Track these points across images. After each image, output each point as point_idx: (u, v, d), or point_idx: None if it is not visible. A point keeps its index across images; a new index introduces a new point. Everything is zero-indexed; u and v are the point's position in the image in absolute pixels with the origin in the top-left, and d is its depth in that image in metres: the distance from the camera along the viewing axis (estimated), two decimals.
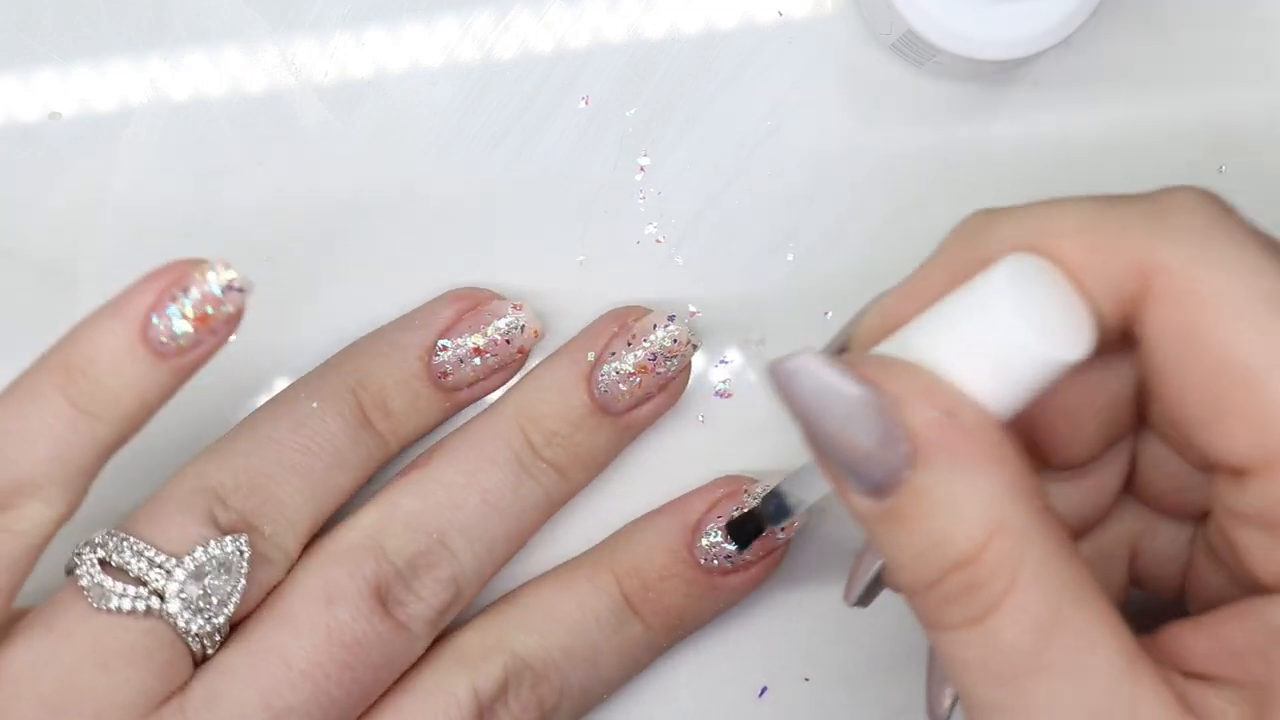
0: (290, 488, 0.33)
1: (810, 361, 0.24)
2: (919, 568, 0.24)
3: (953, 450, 0.24)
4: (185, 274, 0.29)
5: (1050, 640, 0.24)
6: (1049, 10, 0.33)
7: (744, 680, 0.38)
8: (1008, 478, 0.24)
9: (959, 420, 0.24)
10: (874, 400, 0.24)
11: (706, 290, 0.37)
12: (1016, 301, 0.24)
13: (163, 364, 0.29)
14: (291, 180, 0.37)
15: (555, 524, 0.37)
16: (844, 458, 0.24)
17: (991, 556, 0.24)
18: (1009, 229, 0.26)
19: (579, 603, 0.35)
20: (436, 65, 0.37)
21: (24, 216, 0.37)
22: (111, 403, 0.29)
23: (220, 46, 0.37)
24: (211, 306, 0.29)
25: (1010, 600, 0.24)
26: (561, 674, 0.34)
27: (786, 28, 0.37)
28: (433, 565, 0.34)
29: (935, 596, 0.24)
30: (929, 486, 0.24)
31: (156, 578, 0.31)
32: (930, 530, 0.24)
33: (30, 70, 0.37)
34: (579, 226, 0.37)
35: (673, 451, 0.37)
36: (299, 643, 0.32)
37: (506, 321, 0.35)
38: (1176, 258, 0.24)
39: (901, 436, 0.24)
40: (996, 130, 0.37)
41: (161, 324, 0.29)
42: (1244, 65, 0.37)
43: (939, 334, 0.25)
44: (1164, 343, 0.24)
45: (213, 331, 0.29)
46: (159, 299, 0.29)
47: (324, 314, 0.37)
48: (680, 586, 0.35)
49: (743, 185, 0.37)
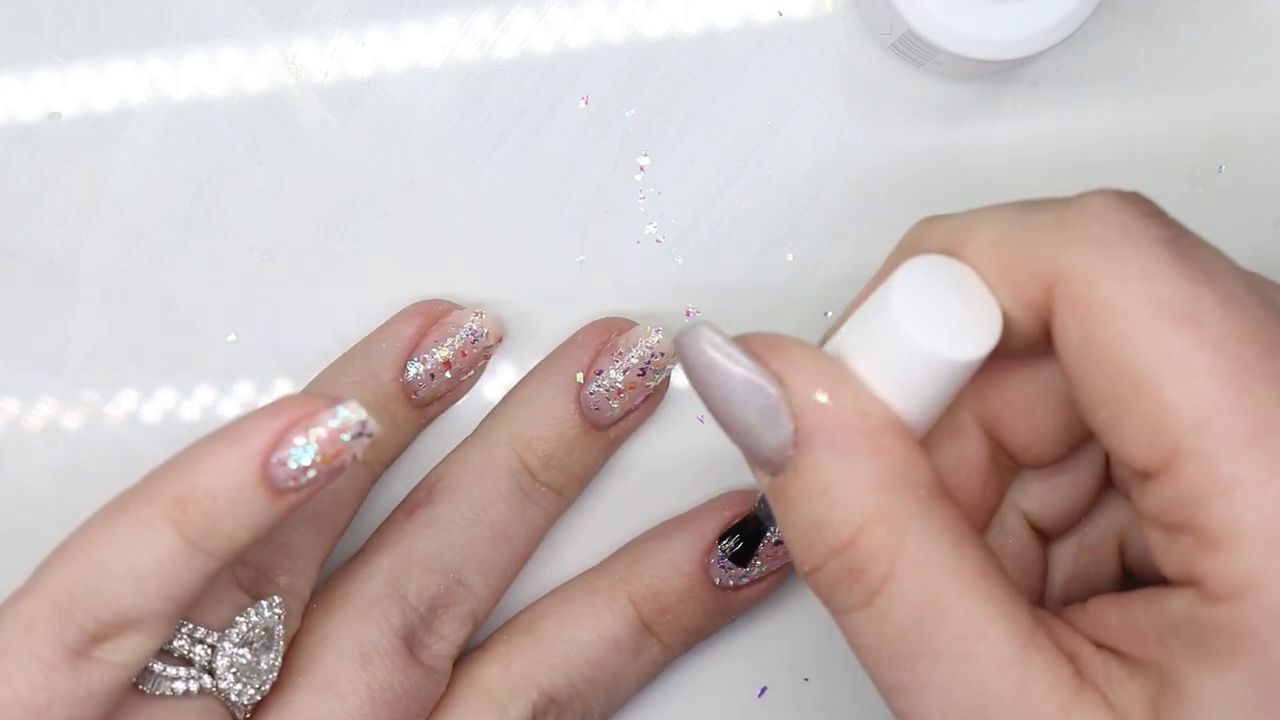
0: (299, 534, 0.33)
1: (702, 335, 0.25)
2: (805, 549, 0.25)
3: (830, 434, 0.25)
4: (314, 413, 0.28)
5: (935, 626, 0.24)
6: (1049, 10, 0.33)
7: (744, 680, 0.38)
8: (884, 466, 0.25)
9: (838, 405, 0.25)
10: (755, 379, 0.25)
11: (706, 290, 0.37)
12: (907, 304, 0.25)
13: (281, 500, 0.28)
14: (291, 180, 0.37)
15: (559, 530, 0.37)
16: (734, 432, 0.26)
17: (868, 542, 0.24)
18: (941, 235, 0.27)
19: (599, 633, 0.35)
20: (436, 65, 0.37)
21: (24, 216, 0.37)
22: (226, 540, 0.28)
23: (220, 46, 0.37)
24: (337, 451, 0.28)
25: (891, 586, 0.24)
26: (585, 703, 0.35)
27: (786, 28, 0.37)
28: (452, 604, 0.34)
29: (821, 580, 0.25)
30: (806, 469, 0.25)
31: (201, 654, 0.30)
32: (810, 512, 0.25)
33: (30, 70, 0.37)
34: (579, 226, 0.37)
35: (673, 452, 0.37)
36: (344, 707, 0.32)
37: (470, 330, 0.35)
38: (1078, 265, 0.24)
39: (784, 416, 0.25)
40: (996, 130, 0.37)
41: (284, 464, 0.27)
42: (1244, 65, 0.37)
43: (850, 337, 0.26)
44: (1069, 349, 0.25)
45: (337, 472, 0.28)
46: (283, 436, 0.28)
47: (323, 314, 0.37)
48: (698, 608, 0.35)
49: (743, 185, 0.37)
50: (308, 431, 0.28)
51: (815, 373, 0.25)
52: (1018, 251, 0.25)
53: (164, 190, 0.37)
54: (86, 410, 0.37)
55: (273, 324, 0.37)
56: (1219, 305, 0.24)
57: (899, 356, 0.25)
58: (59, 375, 0.37)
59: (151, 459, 0.37)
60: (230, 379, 0.37)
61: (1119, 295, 0.24)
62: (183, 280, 0.37)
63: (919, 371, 0.25)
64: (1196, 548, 0.24)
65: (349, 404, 0.28)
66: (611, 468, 0.37)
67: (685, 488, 0.37)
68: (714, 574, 0.35)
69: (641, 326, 0.35)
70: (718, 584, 0.35)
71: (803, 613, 0.38)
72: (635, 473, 0.37)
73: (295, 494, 0.28)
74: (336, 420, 0.28)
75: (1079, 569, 0.31)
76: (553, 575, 0.37)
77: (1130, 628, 0.25)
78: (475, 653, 0.35)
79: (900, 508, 0.24)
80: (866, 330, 0.26)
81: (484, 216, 0.37)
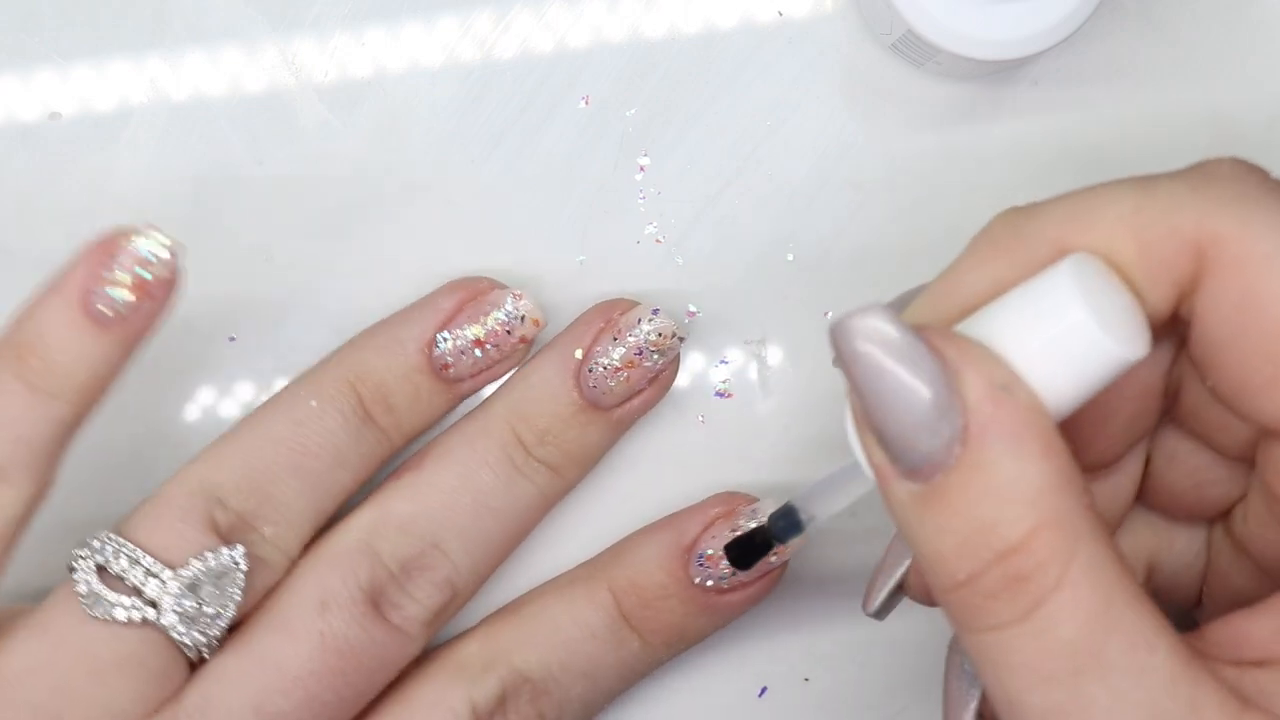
0: (289, 488, 0.33)
1: (879, 316, 0.23)
2: (961, 558, 0.23)
3: (1006, 428, 0.23)
4: (115, 243, 0.30)
5: (1107, 638, 0.22)
6: (1049, 10, 0.33)
7: (744, 680, 0.38)
8: (1058, 466, 0.23)
9: (1015, 396, 0.23)
10: (933, 364, 0.23)
11: (706, 290, 0.37)
12: (1087, 297, 0.24)
13: (108, 334, 0.30)
14: (291, 180, 0.37)
15: (557, 527, 0.37)
16: (894, 428, 0.23)
17: (1041, 546, 0.22)
18: (1054, 222, 0.25)
19: (575, 618, 0.35)
20: (436, 65, 0.37)
21: (24, 216, 0.37)
22: (64, 379, 0.30)
23: (220, 46, 0.37)
24: (144, 270, 0.30)
25: (1061, 594, 0.22)
26: (561, 688, 0.34)
27: (786, 28, 0.37)
28: (427, 568, 0.34)
29: (977, 591, 0.23)
30: (978, 466, 0.23)
31: (153, 588, 0.31)
32: (976, 515, 0.23)
33: (30, 70, 0.37)
34: (579, 226, 0.37)
35: (673, 452, 0.37)
36: (294, 649, 0.32)
37: (506, 311, 0.35)
38: (1230, 226, 0.24)
39: (956, 407, 0.23)
40: (996, 130, 0.37)
41: (100, 295, 0.30)
42: (1243, 64, 0.37)
43: (1003, 327, 0.24)
44: (1221, 311, 0.24)
45: (150, 296, 0.30)
46: (94, 271, 0.30)
47: (324, 314, 0.37)
48: (676, 606, 0.35)
49: (743, 185, 0.37)
50: (114, 260, 0.30)
51: (992, 363, 0.23)
52: (1159, 224, 0.24)
53: (164, 190, 0.37)
54: None
55: (273, 324, 0.37)
56: None
57: (1069, 353, 0.23)
58: None
59: (152, 458, 0.37)
60: (230, 379, 0.37)
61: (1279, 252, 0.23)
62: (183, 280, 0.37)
63: (1097, 374, 0.24)
64: None
65: (146, 232, 0.30)
66: (612, 466, 0.37)
67: (686, 488, 0.37)
68: (694, 574, 0.35)
69: (641, 306, 0.35)
70: (697, 583, 0.35)
71: (803, 613, 0.38)
72: (635, 472, 0.37)
73: (121, 325, 0.30)
74: (135, 247, 0.30)
75: None
76: (548, 573, 0.37)
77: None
78: (460, 633, 0.35)
79: (1072, 512, 0.23)
80: (1020, 323, 0.24)
81: (484, 216, 0.37)
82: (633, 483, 0.37)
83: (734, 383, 0.37)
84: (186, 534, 0.31)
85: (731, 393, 0.37)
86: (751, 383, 0.37)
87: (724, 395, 0.37)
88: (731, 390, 0.37)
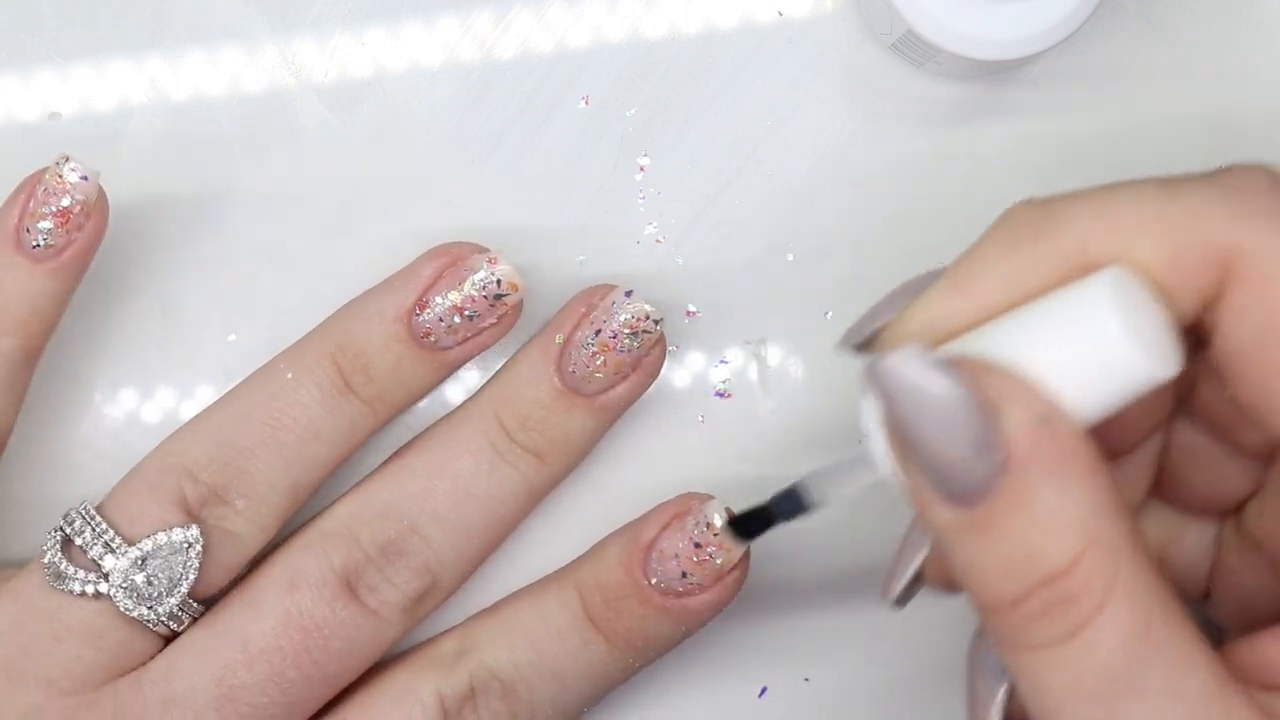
0: (261, 461, 0.33)
1: (913, 358, 0.24)
2: (1005, 582, 0.24)
3: (1048, 458, 0.23)
4: (37, 178, 0.33)
5: (1146, 659, 0.23)
6: (1049, 10, 0.33)
7: (744, 680, 0.38)
8: (1100, 491, 0.23)
9: (1055, 428, 0.23)
10: (973, 401, 0.23)
11: (706, 290, 0.37)
12: (1124, 317, 0.24)
13: (41, 267, 0.32)
14: (291, 180, 0.37)
15: (555, 527, 0.37)
16: (935, 461, 0.24)
17: (1084, 570, 0.23)
18: (1079, 219, 0.25)
19: (542, 616, 0.35)
20: (436, 65, 0.37)
21: None
22: (2, 314, 0.32)
23: (220, 46, 0.37)
24: (66, 200, 0.32)
25: (1102, 617, 0.23)
26: (530, 688, 0.34)
27: (786, 28, 0.37)
28: (405, 552, 0.34)
29: (1021, 614, 0.24)
30: (1022, 494, 0.23)
31: (108, 563, 0.32)
32: (1021, 541, 0.23)
33: (30, 70, 0.37)
34: (579, 226, 0.37)
35: (673, 451, 0.37)
36: (259, 625, 0.33)
37: (481, 276, 0.34)
38: (1258, 241, 0.24)
39: (996, 442, 0.23)
40: (996, 130, 0.37)
41: (29, 229, 0.32)
42: (1244, 64, 0.37)
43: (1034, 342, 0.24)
44: (1245, 326, 0.24)
45: (77, 226, 0.33)
46: (22, 209, 0.32)
47: (324, 314, 0.37)
48: (635, 608, 0.34)
49: (743, 185, 0.37)
50: (36, 197, 0.33)
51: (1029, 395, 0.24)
52: (1185, 233, 0.24)
53: (164, 190, 0.37)
54: (87, 410, 0.37)
55: (273, 324, 0.37)
56: None
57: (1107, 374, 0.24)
58: (59, 375, 0.37)
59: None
60: (230, 379, 0.37)
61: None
62: (183, 280, 0.37)
63: (1128, 393, 0.24)
64: None
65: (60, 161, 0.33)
66: (612, 466, 0.37)
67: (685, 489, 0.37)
68: (649, 574, 0.34)
69: (616, 290, 0.35)
70: (653, 584, 0.34)
71: (803, 613, 0.38)
72: (635, 472, 0.37)
73: (54, 257, 0.33)
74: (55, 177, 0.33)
75: None
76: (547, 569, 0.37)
77: None
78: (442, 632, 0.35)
79: (1114, 534, 0.23)
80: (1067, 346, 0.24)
81: (484, 216, 0.37)
82: (632, 482, 0.37)
83: (734, 383, 0.37)
84: (151, 510, 0.32)
85: (731, 393, 0.37)
86: (751, 383, 0.37)
87: (724, 395, 0.37)
88: (731, 390, 0.37)
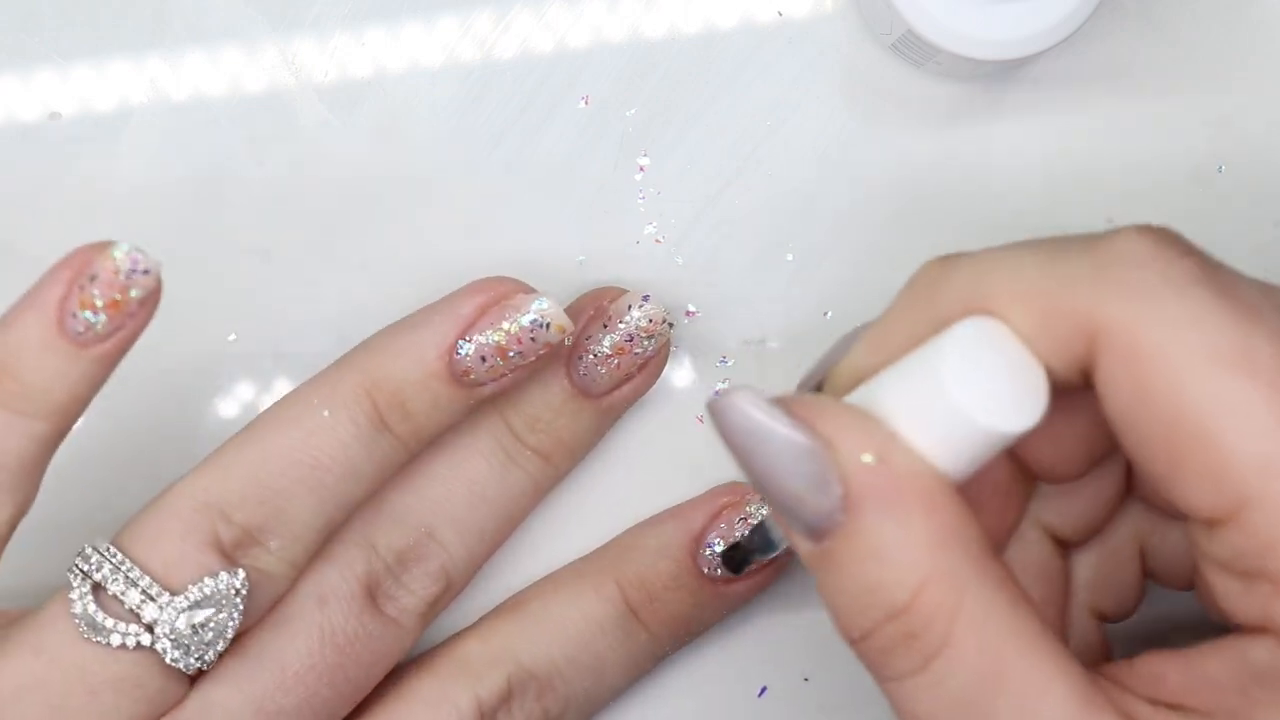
0: (299, 501, 0.31)
1: (744, 399, 0.25)
2: (855, 615, 0.25)
3: (883, 496, 0.24)
4: (90, 260, 0.29)
5: (995, 689, 0.24)
6: (1049, 10, 0.33)
7: (744, 680, 0.38)
8: (940, 525, 0.24)
9: (890, 466, 0.24)
10: (804, 442, 0.24)
11: (706, 290, 0.37)
12: (962, 374, 0.24)
13: (85, 353, 0.29)
14: (291, 180, 0.37)
15: (556, 525, 0.37)
16: (778, 498, 0.25)
17: (926, 604, 0.24)
18: (962, 281, 0.26)
19: (584, 613, 0.35)
20: (436, 65, 0.37)
21: (24, 216, 0.37)
22: (41, 399, 0.29)
23: (220, 46, 0.37)
24: (120, 293, 0.29)
25: (950, 649, 0.24)
26: (567, 683, 0.34)
27: (786, 28, 0.37)
28: (422, 558, 0.34)
29: (874, 646, 0.24)
30: (860, 532, 0.24)
31: (149, 612, 0.30)
32: (863, 576, 0.24)
33: (30, 70, 0.37)
34: (579, 226, 0.37)
35: (673, 452, 0.37)
36: (293, 646, 0.32)
37: (531, 319, 0.32)
38: (1120, 315, 0.24)
39: (833, 479, 0.24)
40: (996, 130, 0.37)
41: (77, 314, 0.29)
42: (1244, 65, 0.37)
43: (893, 396, 0.25)
44: (1117, 400, 0.24)
45: (129, 315, 0.29)
46: (69, 289, 0.29)
47: (324, 313, 0.37)
48: (686, 597, 0.35)
49: (743, 185, 0.37)
50: (92, 278, 0.29)
51: (863, 433, 0.24)
52: (1053, 304, 0.24)
53: (164, 190, 0.37)
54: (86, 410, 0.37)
55: (273, 324, 0.37)
56: (1268, 344, 0.23)
57: (948, 424, 0.24)
58: None
59: (151, 457, 0.37)
60: (230, 379, 0.37)
61: (1168, 344, 0.23)
62: (183, 280, 0.37)
63: (968, 440, 0.24)
64: (1275, 595, 0.23)
65: (119, 247, 0.29)
66: (612, 465, 0.37)
67: (685, 488, 0.37)
68: (702, 563, 0.35)
69: (630, 294, 0.35)
70: (706, 573, 0.35)
71: (803, 613, 0.38)
72: (635, 471, 0.37)
73: (99, 344, 0.29)
74: (111, 263, 0.29)
75: (1101, 577, 0.31)
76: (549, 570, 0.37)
77: (1200, 681, 0.25)
78: (461, 630, 0.35)
79: (957, 567, 0.24)
80: (910, 391, 0.25)
81: (484, 216, 0.37)
82: (632, 482, 0.37)
83: (734, 383, 0.37)
84: (188, 553, 0.30)
85: None
86: (751, 383, 0.37)
87: None
88: None
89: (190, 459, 0.33)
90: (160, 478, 0.33)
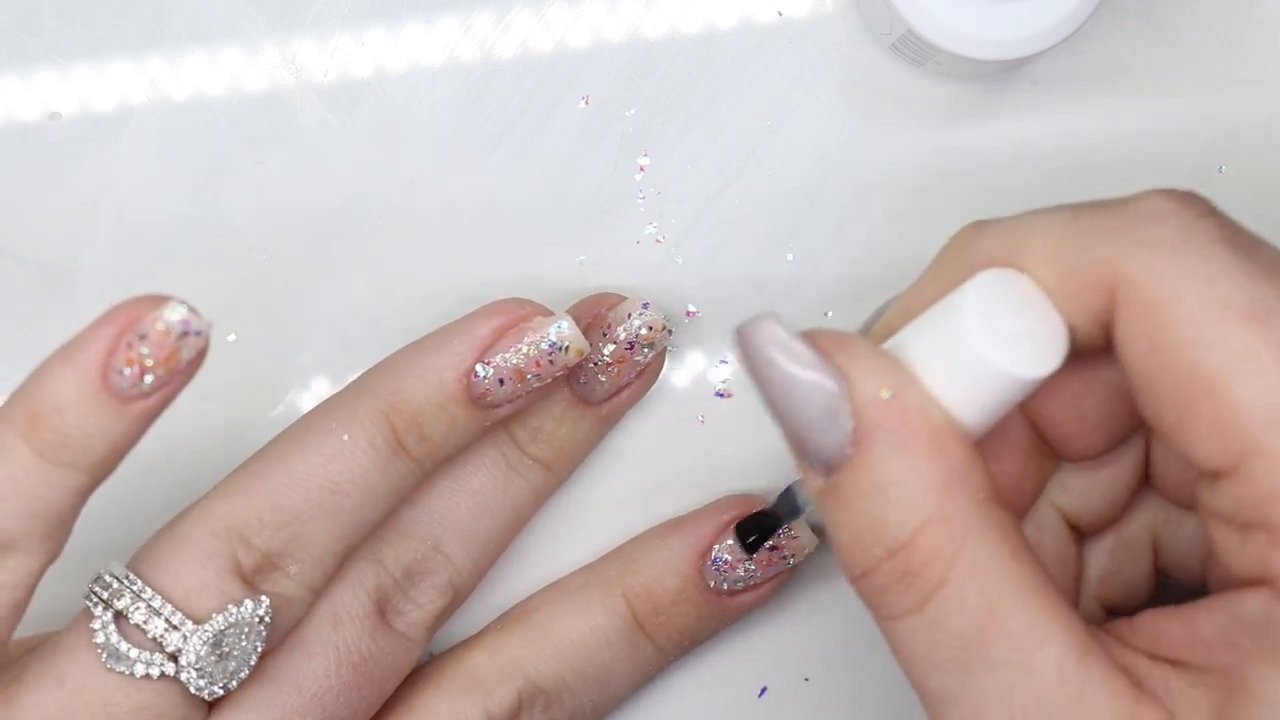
0: (319, 526, 0.31)
1: (769, 326, 0.25)
2: (857, 551, 0.25)
3: (892, 431, 0.24)
4: (140, 317, 0.28)
5: (992, 634, 0.24)
6: (1049, 10, 0.33)
7: (744, 680, 0.38)
8: (947, 467, 0.24)
9: (905, 402, 0.24)
10: (818, 371, 0.25)
11: (706, 290, 0.37)
12: (981, 320, 0.25)
13: (128, 409, 0.28)
14: (291, 180, 0.37)
15: (558, 529, 0.37)
16: (792, 428, 0.25)
17: (926, 544, 0.24)
18: (986, 247, 0.26)
19: (592, 627, 0.35)
20: (436, 65, 0.37)
21: (24, 216, 0.37)
22: (80, 452, 0.28)
23: (220, 46, 0.37)
24: (170, 354, 0.28)
25: (947, 590, 0.24)
26: (574, 696, 0.34)
27: (786, 28, 0.37)
28: (429, 572, 0.34)
29: (874, 583, 0.25)
30: (867, 466, 0.24)
31: (173, 641, 0.30)
32: (866, 512, 0.24)
33: (30, 70, 0.37)
34: (579, 226, 0.37)
35: (673, 452, 0.37)
36: (310, 667, 0.32)
37: (550, 342, 0.32)
38: (1139, 269, 0.24)
39: (845, 412, 0.24)
40: (996, 130, 0.37)
41: (122, 371, 0.28)
42: (1244, 65, 0.37)
43: (915, 344, 0.26)
44: (1133, 353, 0.25)
45: (176, 373, 0.28)
46: (116, 344, 0.28)
47: (324, 314, 0.37)
48: (691, 610, 0.35)
49: (743, 185, 0.37)
50: (142, 335, 0.28)
51: (879, 370, 0.25)
52: (1076, 259, 0.25)
53: (164, 190, 0.37)
54: None
55: (273, 324, 0.37)
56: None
57: (965, 368, 0.25)
58: None
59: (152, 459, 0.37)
60: (230, 379, 0.37)
61: (1184, 298, 0.24)
62: (183, 280, 0.37)
63: (984, 384, 0.25)
64: (1271, 545, 0.23)
65: (170, 304, 0.28)
66: (613, 467, 0.37)
67: (686, 488, 0.37)
68: (708, 577, 0.35)
69: (630, 301, 0.35)
70: (712, 587, 0.35)
71: (803, 613, 0.38)
72: (635, 472, 0.37)
73: (144, 399, 0.28)
74: (162, 323, 0.28)
75: (1114, 567, 0.31)
76: (550, 574, 0.37)
77: (1195, 636, 0.25)
78: (467, 641, 0.35)
79: (960, 511, 0.24)
80: (932, 338, 0.25)
81: (484, 216, 0.37)
82: (633, 483, 0.37)
83: (734, 383, 0.37)
84: (209, 580, 0.30)
85: (731, 393, 0.37)
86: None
87: (724, 395, 0.37)
88: (731, 390, 0.37)
89: (190, 460, 0.34)
90: (156, 476, 0.33)
